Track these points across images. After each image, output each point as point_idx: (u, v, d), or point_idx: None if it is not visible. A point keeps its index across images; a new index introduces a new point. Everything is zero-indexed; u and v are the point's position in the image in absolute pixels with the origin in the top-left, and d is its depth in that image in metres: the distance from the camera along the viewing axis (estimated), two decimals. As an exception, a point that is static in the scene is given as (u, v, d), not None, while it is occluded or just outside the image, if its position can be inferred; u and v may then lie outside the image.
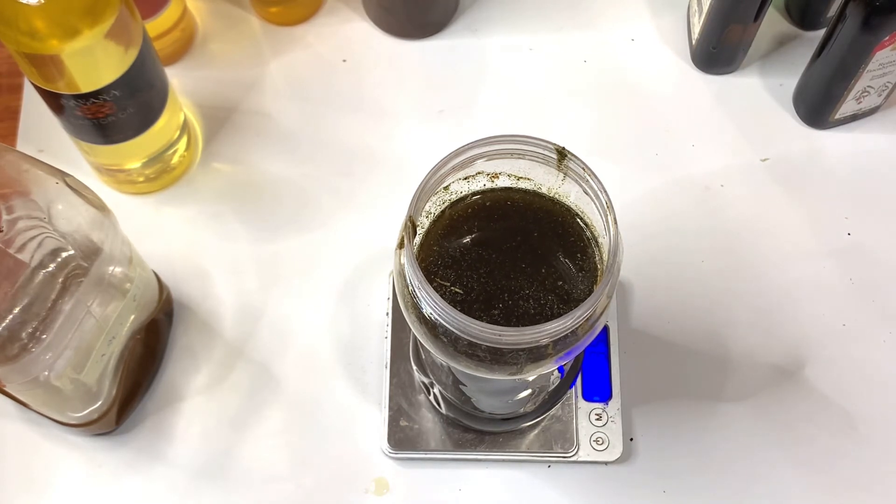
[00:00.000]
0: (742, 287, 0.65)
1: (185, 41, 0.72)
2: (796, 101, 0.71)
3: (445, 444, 0.60)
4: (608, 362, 0.61)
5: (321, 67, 0.73)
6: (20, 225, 0.48)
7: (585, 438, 0.59)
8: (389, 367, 0.61)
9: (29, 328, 0.48)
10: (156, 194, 0.68)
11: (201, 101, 0.71)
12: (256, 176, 0.69)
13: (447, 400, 0.58)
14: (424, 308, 0.42)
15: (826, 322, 0.64)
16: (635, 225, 0.65)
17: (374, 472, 0.60)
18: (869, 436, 0.61)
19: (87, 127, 0.59)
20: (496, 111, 0.71)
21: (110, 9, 0.53)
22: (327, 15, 0.75)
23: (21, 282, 0.48)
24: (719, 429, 0.61)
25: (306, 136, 0.70)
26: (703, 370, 0.63)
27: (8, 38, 0.53)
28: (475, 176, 0.47)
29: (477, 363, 0.43)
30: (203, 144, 0.70)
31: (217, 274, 0.65)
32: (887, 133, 0.70)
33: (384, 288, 0.64)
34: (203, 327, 0.64)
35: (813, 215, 0.67)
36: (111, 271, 0.53)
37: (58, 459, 0.60)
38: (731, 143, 0.70)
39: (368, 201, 0.68)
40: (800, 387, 0.62)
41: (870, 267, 0.66)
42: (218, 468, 0.60)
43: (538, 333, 0.41)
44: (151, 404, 0.62)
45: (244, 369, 0.63)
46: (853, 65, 0.63)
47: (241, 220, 0.67)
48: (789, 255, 0.66)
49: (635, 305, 0.64)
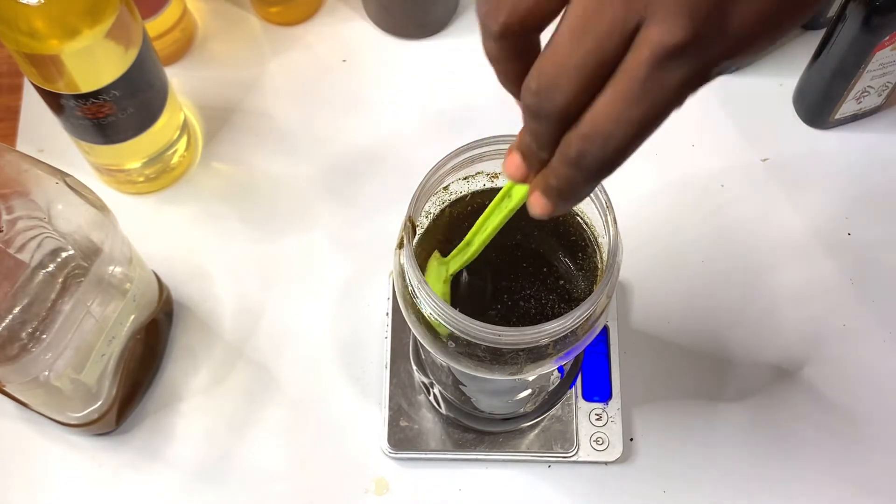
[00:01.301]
0: (742, 287, 0.65)
1: (185, 41, 0.72)
2: (796, 101, 0.71)
3: (445, 444, 0.60)
4: (608, 362, 0.61)
5: (321, 67, 0.73)
6: (20, 225, 0.48)
7: (585, 438, 0.59)
8: (389, 367, 0.61)
9: (29, 328, 0.48)
10: (156, 194, 0.68)
11: (201, 101, 0.71)
12: (256, 176, 0.69)
13: (447, 400, 0.58)
14: (424, 308, 0.42)
15: (826, 322, 0.64)
16: (635, 225, 0.65)
17: (374, 472, 0.60)
18: (869, 436, 0.61)
19: (87, 127, 0.59)
20: (496, 111, 0.71)
21: (110, 9, 0.53)
22: (327, 15, 0.75)
23: (21, 282, 0.48)
24: (719, 429, 0.61)
25: (306, 136, 0.70)
26: (703, 370, 0.63)
27: (8, 38, 0.53)
28: (475, 176, 0.47)
29: (477, 363, 0.43)
30: (203, 144, 0.70)
31: (217, 274, 0.65)
32: (887, 133, 0.70)
33: (384, 288, 0.64)
34: (203, 327, 0.64)
35: (813, 215, 0.67)
36: (111, 271, 0.53)
37: (58, 459, 0.60)
38: (731, 143, 0.70)
39: (368, 201, 0.68)
40: (800, 387, 0.62)
41: (870, 267, 0.66)
42: (218, 468, 0.60)
43: (538, 333, 0.40)
44: (151, 404, 0.62)
45: (244, 369, 0.63)
46: (853, 65, 0.63)
47: (241, 220, 0.67)
48: (789, 255, 0.66)
49: (635, 305, 0.64)
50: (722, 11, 0.24)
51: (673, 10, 0.24)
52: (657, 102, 0.26)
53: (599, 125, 0.27)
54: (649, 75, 0.25)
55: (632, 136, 0.27)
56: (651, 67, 0.25)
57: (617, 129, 0.27)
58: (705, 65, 0.26)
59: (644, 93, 0.26)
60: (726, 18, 0.25)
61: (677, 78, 0.26)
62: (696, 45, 0.25)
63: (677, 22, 0.24)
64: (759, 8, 0.25)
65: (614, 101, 0.26)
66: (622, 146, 0.27)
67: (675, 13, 0.24)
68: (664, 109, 0.27)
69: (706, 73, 0.26)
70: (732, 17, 0.25)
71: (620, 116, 0.26)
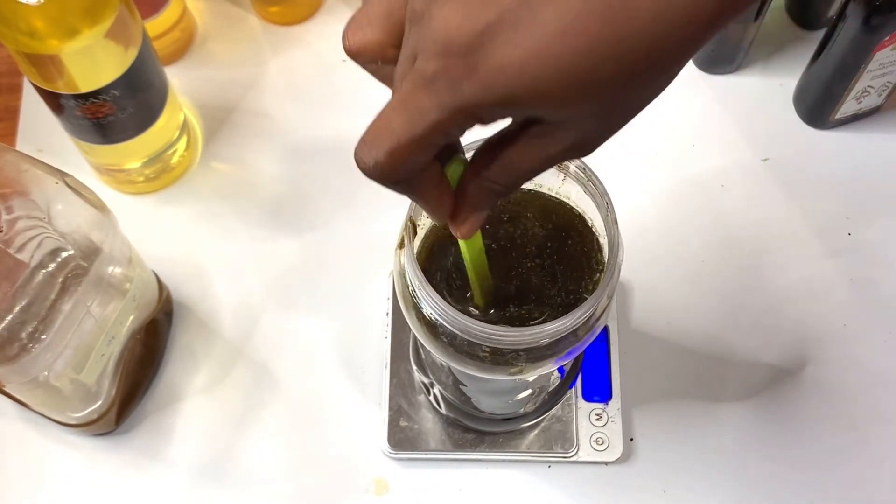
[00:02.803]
0: (742, 287, 0.65)
1: (185, 41, 0.72)
2: (796, 101, 0.71)
3: (445, 445, 0.60)
4: (608, 362, 0.61)
5: (321, 67, 0.73)
6: (20, 225, 0.48)
7: (585, 438, 0.59)
8: (389, 367, 0.61)
9: (29, 328, 0.48)
10: (155, 194, 0.68)
11: (201, 101, 0.71)
12: (256, 176, 0.69)
13: (447, 400, 0.58)
14: (424, 308, 0.42)
15: (826, 322, 0.64)
16: (635, 225, 0.65)
17: (374, 472, 0.60)
18: (869, 436, 0.61)
19: (86, 127, 0.59)
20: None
21: (110, 8, 0.53)
22: (327, 15, 0.75)
23: (21, 282, 0.48)
24: (719, 429, 0.61)
25: (306, 136, 0.70)
26: (703, 370, 0.63)
27: (8, 38, 0.53)
28: (475, 176, 0.47)
29: (477, 363, 0.43)
30: (203, 144, 0.70)
31: (217, 274, 0.65)
32: (887, 133, 0.70)
33: (384, 288, 0.64)
34: (203, 327, 0.64)
35: (813, 215, 0.67)
36: (111, 271, 0.53)
37: (58, 459, 0.60)
38: (732, 143, 0.70)
39: (368, 201, 0.68)
40: (800, 387, 0.62)
41: (870, 267, 0.66)
42: (218, 468, 0.60)
43: (538, 333, 0.40)
44: (151, 404, 0.62)
45: (244, 369, 0.63)
46: (853, 65, 0.63)
47: (241, 220, 0.67)
48: (789, 255, 0.66)
49: (635, 305, 0.64)
50: (470, 54, 0.28)
51: (430, 46, 0.29)
52: (410, 123, 0.30)
53: (369, 134, 0.32)
54: (406, 97, 0.30)
55: (391, 148, 0.31)
56: (408, 91, 0.30)
57: (377, 139, 0.31)
58: (457, 102, 0.29)
59: (401, 110, 0.30)
60: (474, 60, 0.28)
61: (427, 103, 0.29)
62: (445, 79, 0.29)
63: (432, 55, 0.29)
64: (508, 58, 0.28)
65: (383, 115, 0.31)
66: (386, 157, 0.32)
67: (431, 49, 0.29)
68: (420, 133, 0.30)
69: (459, 112, 0.29)
70: (480, 61, 0.28)
71: (383, 128, 0.31)
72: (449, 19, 0.28)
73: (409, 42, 0.31)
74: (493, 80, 0.28)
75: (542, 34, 0.27)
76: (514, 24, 0.27)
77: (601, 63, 0.27)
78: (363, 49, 0.34)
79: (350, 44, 0.34)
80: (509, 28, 0.27)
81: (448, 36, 0.28)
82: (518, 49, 0.28)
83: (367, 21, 0.33)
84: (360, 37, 0.34)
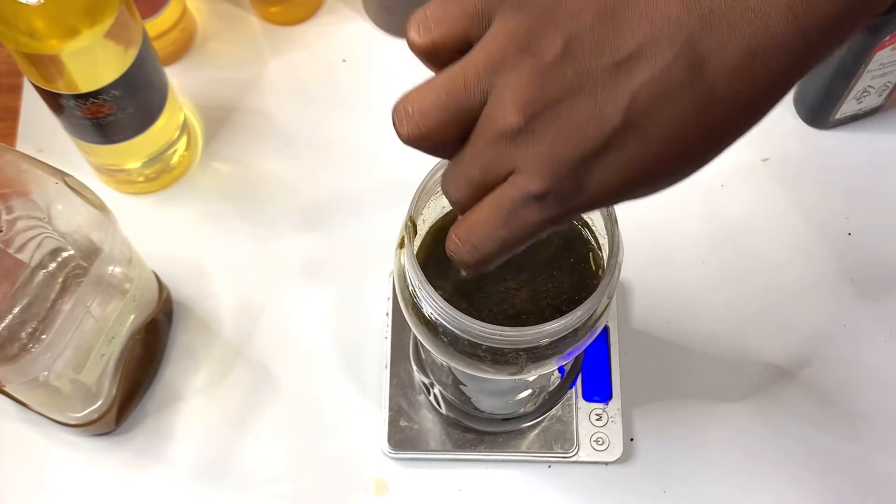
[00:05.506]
0: (742, 287, 0.65)
1: (185, 41, 0.72)
2: (796, 101, 0.71)
3: (445, 445, 0.60)
4: (608, 362, 0.61)
5: (321, 67, 0.73)
6: (20, 225, 0.48)
7: (585, 438, 0.59)
8: (389, 367, 0.61)
9: (28, 328, 0.48)
10: (155, 194, 0.68)
11: (201, 101, 0.71)
12: (256, 176, 0.69)
13: (447, 400, 0.58)
14: (424, 308, 0.42)
15: (826, 322, 0.64)
16: (635, 225, 0.65)
17: (374, 472, 0.60)
18: (869, 436, 0.61)
19: (86, 127, 0.59)
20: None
21: (110, 8, 0.53)
22: (327, 15, 0.75)
23: (21, 282, 0.48)
24: (719, 429, 0.61)
25: (306, 136, 0.70)
26: (703, 370, 0.63)
27: (7, 38, 0.53)
28: (475, 176, 0.47)
29: (477, 363, 0.43)
30: (203, 144, 0.70)
31: (217, 274, 0.65)
32: (888, 133, 0.70)
33: (384, 288, 0.64)
34: (203, 327, 0.64)
35: (813, 215, 0.67)
36: (111, 271, 0.53)
37: (58, 459, 0.60)
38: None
39: (368, 201, 0.68)
40: (800, 387, 0.62)
41: (870, 267, 0.66)
42: (218, 468, 0.60)
43: (538, 333, 0.40)
44: (151, 404, 0.62)
45: (244, 369, 0.63)
46: (853, 65, 0.63)
47: (241, 220, 0.67)
48: (789, 256, 0.66)
49: (635, 305, 0.64)
50: (578, 175, 0.30)
51: (538, 167, 0.30)
52: (517, 230, 0.32)
53: (472, 235, 0.33)
54: (513, 210, 0.31)
55: (495, 250, 0.33)
56: (515, 203, 0.31)
57: (483, 243, 0.33)
58: (563, 212, 0.31)
59: (507, 221, 0.32)
60: (582, 181, 0.30)
61: (536, 217, 0.31)
62: (554, 197, 0.31)
63: (540, 177, 0.30)
64: (615, 179, 0.30)
65: (485, 220, 0.32)
66: (487, 257, 0.33)
67: (539, 170, 0.30)
68: (525, 236, 0.32)
69: (564, 217, 0.32)
70: (588, 181, 0.30)
71: (488, 234, 0.32)
72: (561, 142, 0.30)
73: (502, 153, 0.31)
74: (599, 199, 0.31)
75: (644, 159, 0.30)
76: (620, 147, 0.30)
77: (700, 166, 0.33)
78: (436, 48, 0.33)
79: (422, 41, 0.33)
80: (616, 150, 0.30)
81: (558, 161, 0.30)
82: (623, 172, 0.30)
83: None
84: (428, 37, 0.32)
